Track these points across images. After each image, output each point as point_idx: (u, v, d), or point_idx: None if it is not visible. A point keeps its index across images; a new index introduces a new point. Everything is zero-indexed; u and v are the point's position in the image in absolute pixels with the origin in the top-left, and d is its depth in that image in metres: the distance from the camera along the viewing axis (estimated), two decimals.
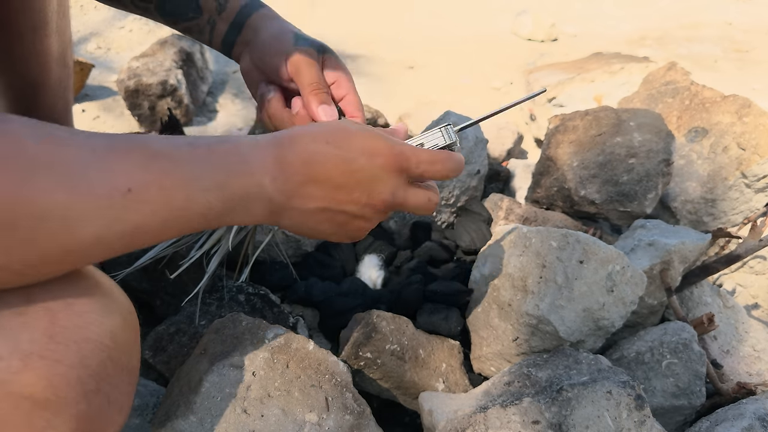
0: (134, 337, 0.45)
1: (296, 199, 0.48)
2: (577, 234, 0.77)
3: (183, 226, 0.43)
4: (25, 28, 0.85)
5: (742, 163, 1.15)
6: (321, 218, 0.51)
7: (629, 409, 0.63)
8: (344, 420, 0.64)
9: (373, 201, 0.51)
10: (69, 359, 0.39)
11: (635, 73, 1.64)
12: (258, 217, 0.48)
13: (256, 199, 0.46)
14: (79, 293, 0.41)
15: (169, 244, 0.84)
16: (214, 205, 0.43)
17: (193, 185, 0.42)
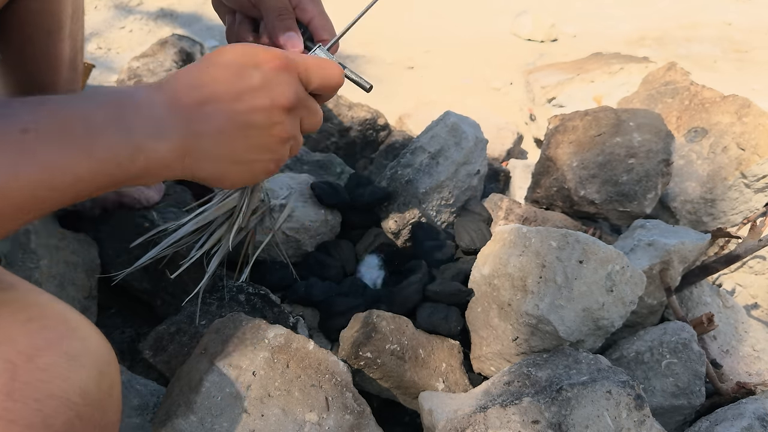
0: (110, 390, 0.41)
1: (196, 123, 0.44)
2: (577, 234, 0.77)
3: (94, 164, 0.39)
4: (39, 31, 0.85)
5: (742, 163, 1.15)
6: (234, 139, 0.47)
7: (629, 409, 0.63)
8: (344, 419, 0.64)
9: (279, 101, 0.48)
10: (27, 419, 0.35)
11: (635, 74, 1.64)
12: (168, 156, 0.43)
13: (157, 131, 0.42)
14: (46, 344, 0.37)
15: (170, 244, 0.84)
16: (117, 141, 0.40)
17: (91, 119, 0.39)
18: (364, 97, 1.60)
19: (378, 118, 1.38)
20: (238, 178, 0.49)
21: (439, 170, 1.02)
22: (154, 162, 0.42)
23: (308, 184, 1.02)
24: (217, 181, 0.48)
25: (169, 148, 0.43)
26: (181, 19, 2.31)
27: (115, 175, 0.40)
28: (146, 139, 0.41)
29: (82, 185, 0.39)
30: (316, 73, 0.51)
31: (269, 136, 0.49)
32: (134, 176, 0.42)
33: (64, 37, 0.90)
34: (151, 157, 0.42)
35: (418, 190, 1.00)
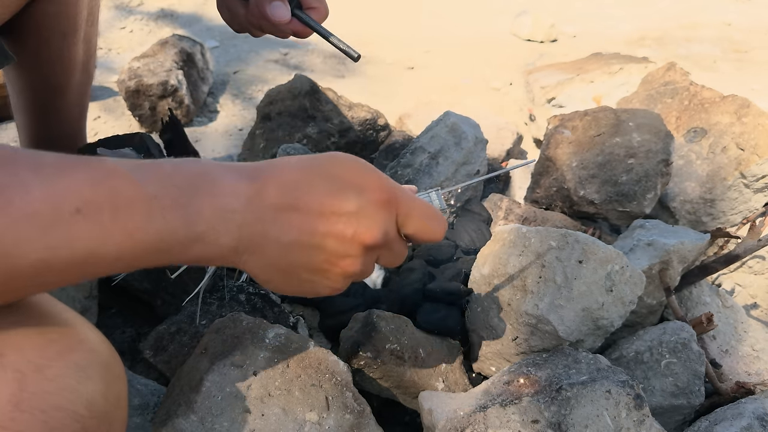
0: (117, 403, 0.41)
1: (272, 226, 0.40)
2: (577, 234, 0.77)
3: (141, 253, 0.36)
4: (55, 34, 0.85)
5: (741, 163, 1.15)
6: (298, 255, 0.42)
7: (628, 409, 0.63)
8: (344, 419, 0.64)
9: (361, 237, 0.42)
10: (32, 430, 0.34)
11: (634, 74, 1.65)
12: (225, 250, 0.40)
13: (224, 225, 0.39)
14: (55, 355, 0.37)
15: None
16: (176, 228, 0.36)
17: (153, 204, 0.36)
18: (364, 98, 1.60)
19: (378, 118, 1.39)
20: (285, 289, 0.46)
21: (439, 170, 1.02)
22: (208, 254, 0.39)
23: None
24: (263, 282, 0.45)
25: (230, 245, 0.40)
26: (182, 19, 2.32)
27: (160, 261, 0.38)
28: (210, 231, 0.38)
29: (120, 265, 0.36)
30: (418, 222, 0.46)
31: (334, 266, 0.44)
32: (179, 261, 0.39)
33: (79, 40, 0.90)
34: (207, 250, 0.39)
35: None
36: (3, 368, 0.34)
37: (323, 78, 2.04)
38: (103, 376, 0.39)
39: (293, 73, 1.45)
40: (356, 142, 1.36)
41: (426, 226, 0.46)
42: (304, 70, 2.11)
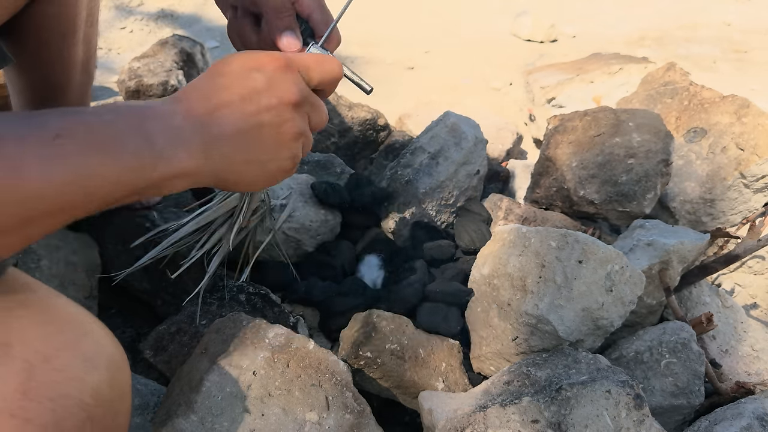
0: (121, 394, 0.42)
1: (212, 127, 0.46)
2: (576, 234, 0.77)
3: (120, 173, 0.40)
4: (54, 35, 0.85)
5: (741, 163, 1.15)
6: (249, 139, 0.48)
7: (628, 409, 0.63)
8: (344, 419, 0.64)
9: (285, 98, 0.49)
10: (41, 418, 0.35)
11: (634, 74, 1.65)
12: (188, 165, 0.44)
13: (177, 140, 0.43)
14: (62, 345, 0.38)
15: (170, 244, 0.84)
16: (138, 147, 0.41)
17: (116, 127, 0.40)
18: (364, 98, 1.60)
19: (378, 118, 1.39)
20: (257, 179, 0.50)
21: (439, 170, 1.02)
22: (174, 169, 0.43)
23: (308, 184, 1.02)
24: (235, 184, 0.49)
25: (188, 155, 0.44)
26: (182, 19, 2.32)
27: (138, 183, 0.41)
28: (167, 146, 0.42)
29: (108, 190, 0.40)
30: (316, 69, 0.52)
31: (281, 134, 0.49)
32: (155, 184, 0.43)
33: (78, 41, 0.90)
34: (172, 165, 0.43)
35: (418, 190, 1.00)
36: (11, 359, 0.36)
37: None
38: (108, 367, 0.40)
39: None
40: (356, 142, 1.36)
41: (325, 69, 0.53)
42: None
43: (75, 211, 0.39)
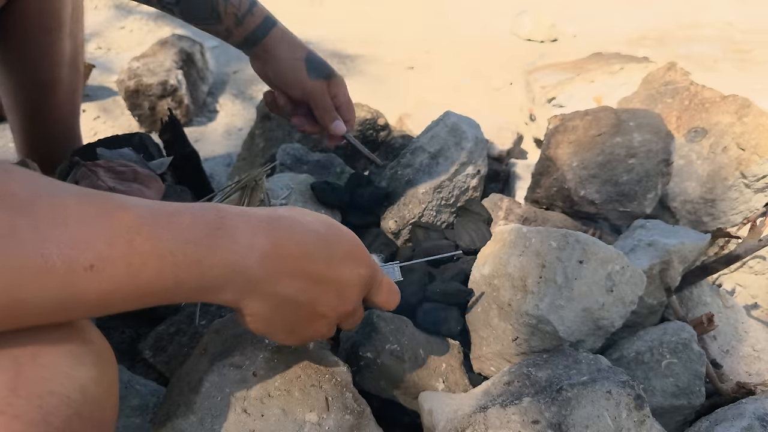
0: (109, 389, 0.42)
1: (278, 284, 0.45)
2: (577, 234, 0.77)
3: (145, 301, 0.39)
4: (39, 30, 0.86)
5: (742, 163, 1.15)
6: (290, 311, 0.47)
7: (629, 409, 0.63)
8: (344, 420, 0.64)
9: (342, 307, 0.50)
10: (29, 415, 0.35)
11: (635, 74, 1.64)
12: (228, 299, 0.43)
13: (234, 279, 0.42)
14: (49, 342, 0.38)
15: None
16: (186, 282, 0.39)
17: (166, 260, 0.38)
18: (364, 98, 1.60)
19: (378, 118, 1.38)
20: (265, 333, 0.50)
21: (439, 170, 1.02)
22: (207, 300, 0.43)
23: (308, 184, 1.02)
24: (248, 324, 0.48)
25: (233, 296, 0.43)
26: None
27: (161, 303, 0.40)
28: (216, 284, 0.41)
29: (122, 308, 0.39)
30: (384, 296, 0.55)
31: (314, 324, 0.50)
32: (182, 301, 0.42)
33: (64, 35, 0.90)
34: (208, 298, 0.42)
35: (418, 190, 1.00)
36: (1, 356, 0.35)
37: None
38: (95, 364, 0.40)
39: None
40: None
41: (388, 300, 0.56)
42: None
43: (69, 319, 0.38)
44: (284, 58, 0.85)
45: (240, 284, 0.42)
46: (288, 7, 2.73)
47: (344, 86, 0.90)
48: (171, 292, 0.39)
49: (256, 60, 0.89)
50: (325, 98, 0.86)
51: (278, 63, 0.85)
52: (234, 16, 0.82)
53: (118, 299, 0.37)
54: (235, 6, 0.83)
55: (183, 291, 0.40)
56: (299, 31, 0.96)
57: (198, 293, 0.41)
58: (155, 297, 0.39)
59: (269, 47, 0.85)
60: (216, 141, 1.63)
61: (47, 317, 0.36)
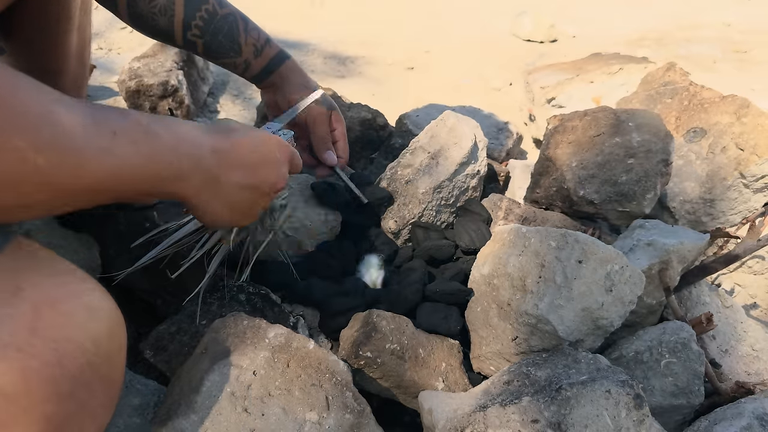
0: (118, 348, 0.45)
1: (227, 175, 0.57)
2: (576, 234, 0.78)
3: (146, 173, 0.48)
4: (49, 21, 0.86)
5: (741, 163, 1.15)
6: (241, 197, 0.61)
7: (628, 408, 0.63)
8: (344, 419, 0.65)
9: (280, 183, 0.65)
10: (45, 356, 0.38)
11: (634, 74, 1.65)
12: (196, 185, 0.54)
13: (198, 166, 0.53)
14: (68, 294, 0.41)
15: (170, 244, 0.84)
16: (164, 161, 0.49)
17: (157, 140, 0.49)
18: (363, 98, 1.60)
19: (378, 118, 1.39)
20: (222, 218, 0.61)
21: (439, 170, 1.02)
22: (178, 190, 0.53)
23: (308, 184, 1.02)
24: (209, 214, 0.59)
25: (199, 183, 0.54)
26: None
27: (153, 189, 0.50)
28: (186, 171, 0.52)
29: (133, 187, 0.47)
30: (296, 162, 0.71)
31: (257, 201, 0.64)
32: (159, 194, 0.51)
33: (73, 28, 0.90)
34: (180, 186, 0.52)
35: (418, 190, 1.01)
36: (22, 300, 0.39)
37: (323, 78, 2.04)
38: (109, 320, 0.44)
39: None
40: (356, 142, 1.36)
41: (296, 167, 0.71)
42: (305, 70, 2.11)
43: (98, 197, 0.46)
44: (296, 84, 0.93)
45: (199, 176, 0.54)
46: (288, 8, 2.73)
47: (344, 124, 0.98)
48: (163, 169, 0.49)
49: (267, 89, 0.95)
50: (325, 126, 0.94)
51: (289, 87, 0.93)
52: (253, 47, 0.89)
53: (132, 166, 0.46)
54: (254, 38, 0.89)
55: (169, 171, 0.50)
56: (299, 32, 0.97)
57: (177, 180, 0.51)
58: (151, 171, 0.48)
59: (283, 74, 0.93)
60: None
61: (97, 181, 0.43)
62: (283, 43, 2.51)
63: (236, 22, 0.87)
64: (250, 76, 0.93)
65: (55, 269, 0.44)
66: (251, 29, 0.89)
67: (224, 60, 0.90)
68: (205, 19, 0.85)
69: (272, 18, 2.60)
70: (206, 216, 0.59)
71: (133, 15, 0.84)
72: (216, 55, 0.89)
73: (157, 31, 0.85)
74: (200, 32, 0.85)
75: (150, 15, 0.83)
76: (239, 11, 0.89)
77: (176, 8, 0.83)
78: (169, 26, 0.84)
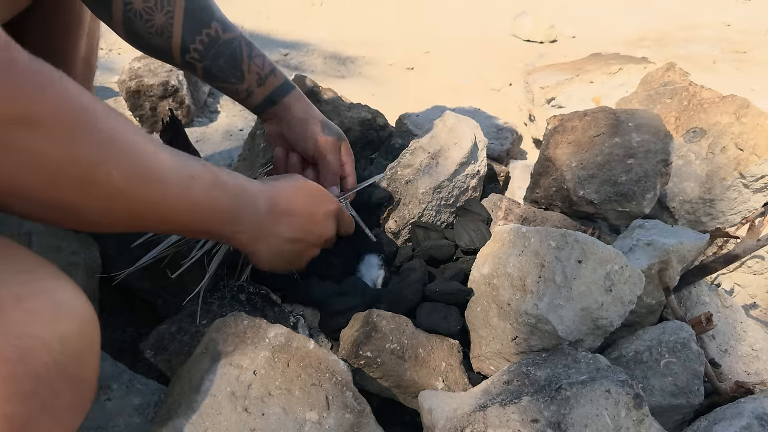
0: (89, 348, 0.43)
1: (279, 226, 0.65)
2: (576, 234, 0.78)
3: (213, 218, 0.56)
4: (59, 27, 0.86)
5: (740, 163, 1.15)
6: (289, 247, 0.68)
7: (628, 408, 0.63)
8: (344, 418, 0.65)
9: (326, 234, 0.72)
10: (5, 353, 0.36)
11: (634, 74, 1.65)
12: (248, 232, 0.62)
13: (252, 214, 0.61)
14: (35, 292, 0.40)
15: (171, 244, 0.85)
16: (230, 207, 0.57)
17: (225, 189, 0.57)
18: (364, 98, 1.60)
19: (378, 118, 1.39)
20: (273, 265, 0.69)
21: (439, 170, 1.02)
22: (238, 230, 0.61)
23: None
24: (261, 261, 0.68)
25: (251, 231, 0.62)
26: None
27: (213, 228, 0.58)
28: (245, 225, 0.60)
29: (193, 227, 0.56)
30: (345, 224, 0.78)
31: (307, 251, 0.72)
32: (219, 236, 0.60)
33: (83, 34, 0.91)
34: (237, 237, 0.62)
35: (418, 190, 1.01)
36: None
37: (323, 78, 2.05)
38: (80, 318, 0.43)
39: (294, 73, 1.45)
40: (356, 142, 1.36)
41: (348, 227, 0.80)
42: (305, 71, 2.12)
43: (163, 227, 0.56)
44: (301, 116, 0.89)
45: (254, 222, 0.62)
46: (288, 8, 2.73)
47: (353, 158, 0.94)
48: (221, 214, 0.57)
49: (271, 120, 0.91)
50: (335, 156, 0.90)
51: (295, 118, 0.89)
52: (257, 75, 0.85)
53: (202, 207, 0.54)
54: (258, 66, 0.85)
55: (227, 215, 0.58)
56: (299, 32, 0.97)
57: (233, 223, 0.59)
58: (213, 214, 0.56)
59: (288, 105, 0.89)
60: (217, 141, 1.64)
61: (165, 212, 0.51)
62: (283, 43, 2.52)
63: (240, 47, 0.83)
64: (252, 105, 0.89)
65: (24, 266, 0.43)
66: (255, 56, 0.85)
67: (225, 85, 0.86)
68: (205, 43, 0.81)
69: (272, 18, 2.60)
70: (260, 263, 0.68)
71: (129, 32, 0.80)
72: (216, 80, 0.85)
73: (154, 50, 0.82)
74: (199, 56, 0.81)
75: (146, 34, 0.79)
76: (245, 37, 0.85)
77: (174, 30, 0.79)
78: (166, 47, 0.80)
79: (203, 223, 0.56)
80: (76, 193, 0.43)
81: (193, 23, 0.79)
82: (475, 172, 1.08)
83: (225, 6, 0.91)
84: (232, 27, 0.83)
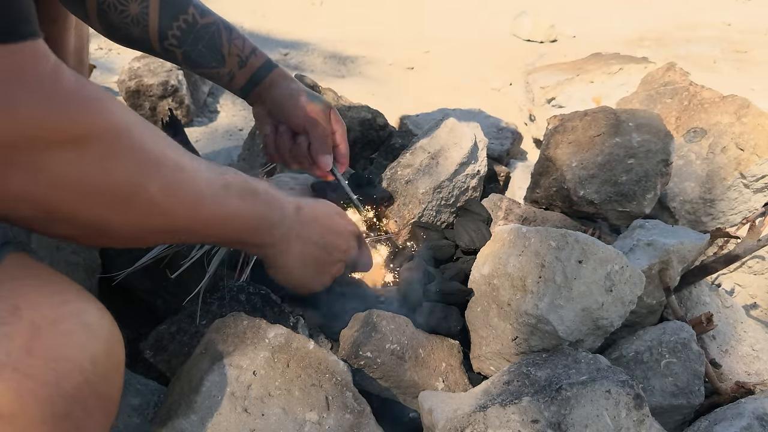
0: (116, 367, 0.45)
1: (305, 229, 0.64)
2: (576, 234, 0.78)
3: (246, 226, 0.57)
4: (44, 20, 0.86)
5: (741, 163, 1.15)
6: (314, 253, 0.66)
7: (628, 408, 0.63)
8: (344, 419, 0.65)
9: (350, 250, 0.72)
10: (43, 376, 0.38)
11: (634, 74, 1.65)
12: (275, 237, 0.61)
13: (281, 219, 0.61)
14: (68, 313, 0.41)
15: (170, 244, 0.84)
16: (262, 213, 0.58)
17: (257, 197, 0.57)
18: (364, 98, 1.60)
19: (378, 118, 1.38)
20: (294, 277, 0.67)
21: (439, 170, 1.02)
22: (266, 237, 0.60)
23: (308, 184, 1.02)
24: (281, 268, 0.65)
25: (278, 236, 0.61)
26: None
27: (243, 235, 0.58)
28: (275, 233, 0.60)
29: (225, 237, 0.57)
30: (363, 251, 0.75)
31: (330, 267, 0.70)
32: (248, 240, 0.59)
33: (70, 26, 0.90)
34: (265, 239, 0.60)
35: (418, 190, 1.01)
36: (19, 319, 0.39)
37: (323, 78, 2.04)
38: (107, 339, 0.44)
39: (293, 73, 1.45)
40: (356, 142, 1.36)
41: (366, 261, 0.77)
42: (305, 71, 2.12)
43: (193, 237, 0.56)
44: (286, 91, 0.87)
45: (282, 229, 0.61)
46: (288, 8, 2.73)
47: (344, 126, 0.91)
48: (254, 221, 0.57)
49: (256, 100, 0.90)
50: (324, 125, 0.87)
51: (280, 93, 0.87)
52: (238, 57, 0.84)
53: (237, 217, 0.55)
54: (238, 48, 0.84)
55: (257, 221, 0.58)
56: (299, 32, 0.96)
57: (262, 229, 0.59)
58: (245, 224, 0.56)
59: (272, 82, 0.87)
60: (217, 141, 1.63)
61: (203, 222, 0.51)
62: (283, 42, 2.52)
63: (219, 31, 0.83)
64: (237, 87, 0.88)
65: (54, 287, 0.43)
66: (235, 38, 0.84)
67: (206, 70, 0.85)
68: (183, 29, 0.81)
69: (272, 18, 2.60)
70: (278, 270, 0.65)
71: (105, 25, 0.80)
72: (197, 65, 0.84)
73: (132, 41, 0.81)
74: (178, 42, 0.81)
75: (122, 25, 0.79)
76: (224, 20, 0.85)
77: (150, 18, 0.79)
78: (144, 36, 0.80)
79: (235, 232, 0.55)
80: (109, 210, 0.43)
81: (170, 10, 0.80)
82: (476, 172, 1.08)
83: (225, 6, 0.91)
84: (209, 12, 0.83)
